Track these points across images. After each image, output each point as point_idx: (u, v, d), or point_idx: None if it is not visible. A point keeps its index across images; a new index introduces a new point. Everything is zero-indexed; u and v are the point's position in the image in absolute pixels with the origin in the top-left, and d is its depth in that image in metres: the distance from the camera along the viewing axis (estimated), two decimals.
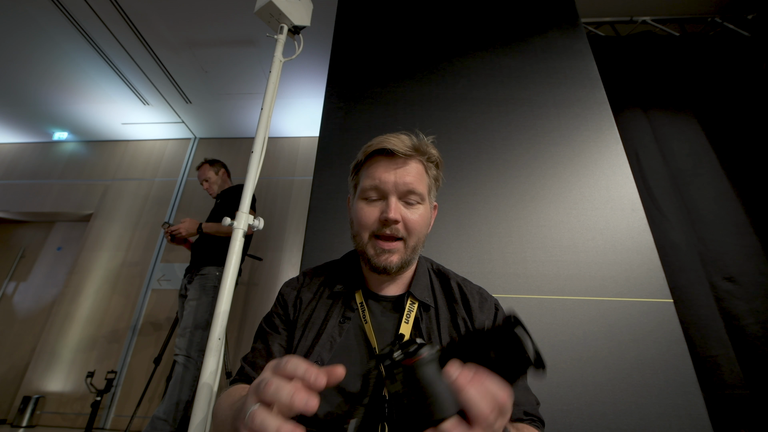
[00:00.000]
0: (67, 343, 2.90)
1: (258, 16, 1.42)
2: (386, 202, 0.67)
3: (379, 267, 0.67)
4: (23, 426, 2.56)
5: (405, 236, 0.67)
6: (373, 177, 0.68)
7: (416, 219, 0.67)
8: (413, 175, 0.68)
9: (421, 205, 0.69)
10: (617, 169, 1.34)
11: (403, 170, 0.68)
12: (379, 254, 0.67)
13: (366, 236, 0.68)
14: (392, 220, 0.65)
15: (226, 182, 2.58)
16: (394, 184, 0.67)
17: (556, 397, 1.01)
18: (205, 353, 0.93)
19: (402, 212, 0.67)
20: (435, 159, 0.73)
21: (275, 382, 0.36)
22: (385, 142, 0.68)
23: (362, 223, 0.68)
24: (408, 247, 0.68)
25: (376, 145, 0.69)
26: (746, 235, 1.72)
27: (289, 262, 3.14)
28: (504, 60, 1.58)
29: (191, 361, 1.93)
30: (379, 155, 0.69)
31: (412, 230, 0.67)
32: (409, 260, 0.69)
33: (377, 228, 0.67)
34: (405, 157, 0.68)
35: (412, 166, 0.69)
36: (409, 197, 0.68)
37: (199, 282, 2.10)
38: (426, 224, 0.71)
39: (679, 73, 2.16)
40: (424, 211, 0.69)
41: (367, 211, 0.68)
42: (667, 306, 1.12)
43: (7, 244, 3.59)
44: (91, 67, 2.86)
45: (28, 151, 3.85)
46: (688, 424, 0.98)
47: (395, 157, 0.68)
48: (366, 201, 0.69)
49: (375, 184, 0.67)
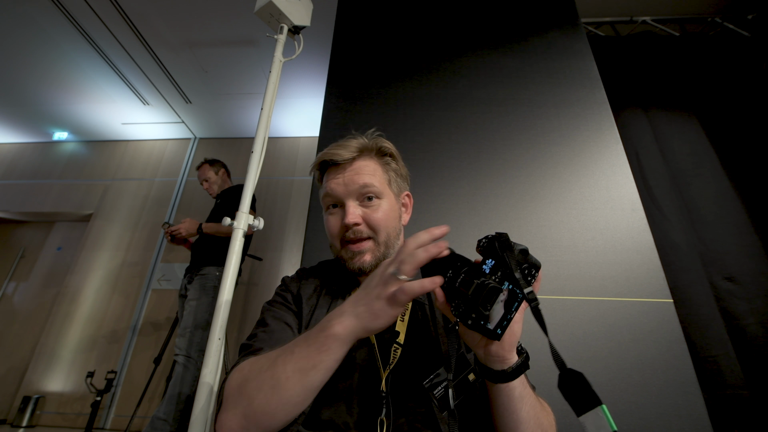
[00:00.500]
0: (67, 343, 2.90)
1: (258, 16, 1.42)
2: (344, 209, 0.68)
3: (355, 269, 0.68)
4: (23, 426, 2.56)
5: (371, 234, 0.68)
6: (326, 188, 0.71)
7: (379, 216, 0.68)
8: (363, 173, 0.69)
9: (380, 200, 0.70)
10: (617, 169, 1.34)
11: (351, 171, 0.69)
12: (352, 257, 0.68)
13: (337, 244, 0.70)
14: (351, 223, 0.66)
15: (226, 182, 2.58)
16: (344, 189, 0.68)
17: (557, 397, 1.01)
18: (205, 353, 0.92)
19: (361, 212, 0.68)
20: (387, 151, 0.74)
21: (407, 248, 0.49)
22: (327, 154, 0.71)
23: (330, 233, 0.71)
24: (379, 243, 0.68)
25: (319, 158, 0.73)
26: (747, 235, 1.72)
27: (289, 262, 3.14)
28: (504, 60, 1.58)
29: (191, 361, 1.93)
30: (330, 166, 0.72)
31: (377, 226, 0.68)
32: (385, 256, 0.69)
33: (344, 234, 0.68)
34: (350, 160, 0.70)
35: (359, 165, 0.70)
36: (365, 194, 0.69)
37: (199, 282, 2.10)
38: (393, 217, 0.71)
39: (679, 73, 2.16)
40: (386, 206, 0.70)
41: (331, 220, 0.71)
42: (667, 306, 1.12)
43: (7, 244, 3.59)
44: (91, 67, 2.86)
45: (28, 151, 3.85)
46: (688, 424, 0.98)
47: (341, 165, 0.70)
48: (329, 212, 0.72)
49: (328, 194, 0.70)
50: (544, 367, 1.05)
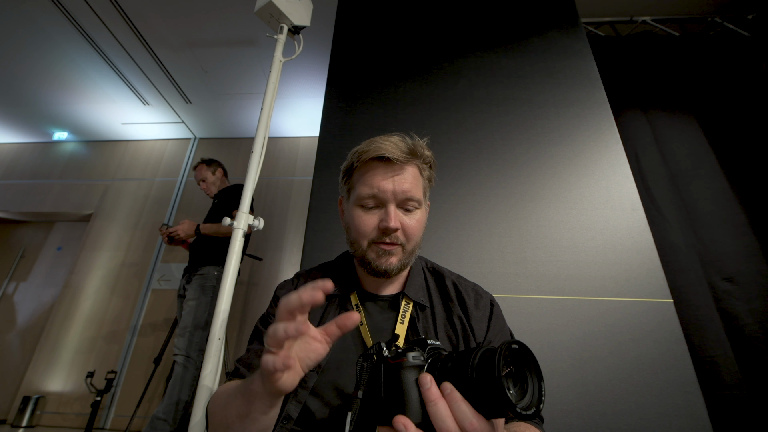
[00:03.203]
0: (67, 343, 2.90)
1: (258, 16, 1.42)
2: (385, 210, 0.65)
3: (380, 270, 0.66)
4: (23, 426, 2.56)
5: (404, 242, 0.67)
6: (371, 185, 0.66)
7: (414, 225, 0.67)
8: (410, 181, 0.66)
9: (418, 210, 0.69)
10: (617, 169, 1.34)
11: (401, 177, 0.66)
12: (380, 256, 0.66)
13: (365, 244, 0.67)
14: (392, 229, 0.64)
15: (224, 182, 2.58)
16: (392, 193, 0.65)
17: (556, 397, 1.01)
18: (204, 353, 0.92)
19: (401, 219, 0.66)
20: (429, 160, 0.71)
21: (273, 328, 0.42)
22: (382, 149, 0.65)
23: (361, 231, 0.67)
24: (406, 252, 0.68)
25: (372, 152, 0.66)
26: (745, 236, 1.71)
27: (289, 262, 3.14)
28: (504, 60, 1.58)
29: (191, 361, 1.93)
30: (375, 161, 0.67)
31: (411, 236, 0.67)
32: (407, 263, 0.69)
33: (376, 236, 0.66)
34: (401, 163, 0.66)
35: (408, 172, 0.67)
36: (407, 204, 0.67)
37: (198, 282, 2.10)
38: (423, 228, 0.71)
39: (679, 73, 2.16)
40: (421, 216, 0.69)
41: (365, 219, 0.66)
42: (667, 306, 1.12)
43: (7, 244, 3.59)
44: (91, 67, 2.86)
45: (28, 151, 3.84)
46: (688, 424, 0.98)
47: (391, 164, 0.66)
48: (363, 209, 0.67)
49: (373, 193, 0.65)
50: (545, 367, 1.05)
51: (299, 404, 0.61)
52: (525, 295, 1.14)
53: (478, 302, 0.72)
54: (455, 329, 0.68)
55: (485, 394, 0.36)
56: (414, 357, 0.43)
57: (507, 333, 0.72)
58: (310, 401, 0.61)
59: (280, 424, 0.60)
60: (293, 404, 0.61)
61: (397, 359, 0.43)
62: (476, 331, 0.68)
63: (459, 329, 0.68)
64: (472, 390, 0.37)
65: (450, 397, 0.37)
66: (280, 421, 0.60)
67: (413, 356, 0.43)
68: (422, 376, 0.40)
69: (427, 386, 0.39)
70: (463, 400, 0.37)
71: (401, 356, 0.43)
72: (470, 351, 0.39)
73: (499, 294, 1.12)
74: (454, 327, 0.68)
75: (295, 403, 0.61)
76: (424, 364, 0.43)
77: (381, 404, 0.43)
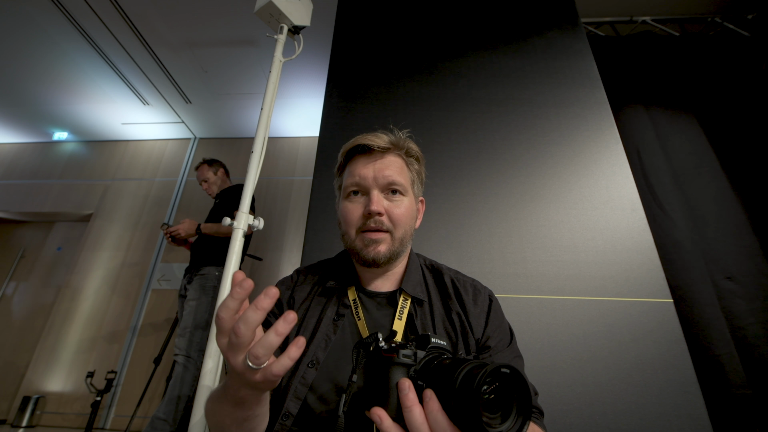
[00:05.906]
0: (67, 343, 2.90)
1: (258, 16, 1.42)
2: (368, 197, 0.68)
3: (368, 259, 0.66)
4: (23, 426, 2.56)
5: (390, 228, 0.67)
6: (353, 174, 0.69)
7: (401, 211, 0.68)
8: (392, 168, 0.69)
9: (404, 197, 0.70)
10: (617, 168, 1.34)
11: (381, 163, 0.69)
12: (367, 245, 0.66)
13: (353, 233, 0.68)
14: (375, 211, 0.65)
15: (225, 182, 2.58)
16: (373, 178, 0.68)
17: (556, 397, 1.01)
18: (205, 353, 0.92)
19: (385, 205, 0.67)
20: (414, 153, 0.74)
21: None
22: (361, 139, 0.70)
23: (348, 220, 0.69)
24: (395, 239, 0.68)
25: (352, 143, 0.71)
26: (746, 235, 1.71)
27: (289, 262, 3.14)
28: (504, 60, 1.58)
29: (191, 361, 1.93)
30: (358, 154, 0.71)
31: (397, 222, 0.68)
32: (398, 252, 0.69)
33: (362, 223, 0.67)
34: (382, 151, 0.70)
35: (390, 159, 0.70)
36: (391, 189, 0.68)
37: (199, 282, 2.10)
38: (411, 217, 0.71)
39: (679, 73, 2.16)
40: (408, 204, 0.70)
41: (351, 208, 0.69)
42: (667, 306, 1.12)
43: (7, 244, 3.59)
44: (91, 67, 2.86)
45: (28, 151, 3.85)
46: (688, 424, 0.98)
47: (373, 153, 0.70)
48: (349, 199, 0.70)
49: (355, 181, 0.69)
50: (544, 367, 1.05)
51: (299, 401, 0.61)
52: (525, 295, 1.14)
53: (476, 298, 0.72)
54: (454, 325, 0.68)
55: (463, 409, 0.35)
56: (404, 355, 0.42)
57: (506, 328, 0.72)
58: (309, 397, 0.61)
59: (280, 421, 0.60)
60: (293, 401, 0.61)
61: (389, 353, 0.43)
62: (474, 327, 0.68)
63: (458, 325, 0.68)
64: (453, 402, 0.37)
65: (428, 405, 0.38)
66: (279, 418, 0.60)
67: (404, 354, 0.43)
68: (401, 381, 0.40)
69: (404, 392, 0.39)
70: (441, 411, 0.37)
71: (393, 351, 0.43)
72: (463, 361, 0.39)
73: (499, 294, 1.12)
74: (452, 323, 0.68)
75: (294, 400, 0.61)
76: (412, 364, 0.43)
77: (368, 392, 0.44)
